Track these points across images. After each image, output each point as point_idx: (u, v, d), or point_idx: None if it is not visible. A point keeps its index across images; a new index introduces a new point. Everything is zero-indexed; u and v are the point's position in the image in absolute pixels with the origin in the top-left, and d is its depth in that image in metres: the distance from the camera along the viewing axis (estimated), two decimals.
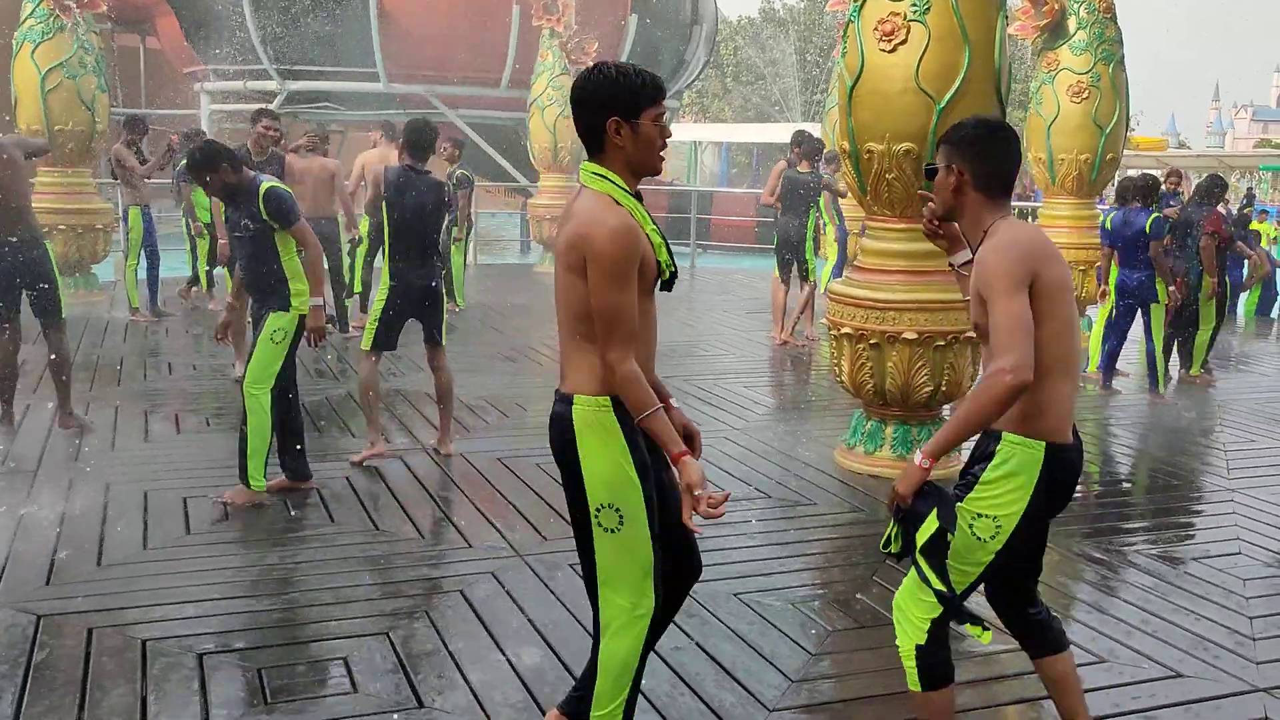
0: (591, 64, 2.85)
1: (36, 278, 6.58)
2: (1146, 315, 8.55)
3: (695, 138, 37.24)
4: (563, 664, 3.87)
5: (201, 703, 3.56)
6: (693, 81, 31.45)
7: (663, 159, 2.85)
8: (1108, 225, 8.65)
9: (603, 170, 2.79)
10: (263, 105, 20.81)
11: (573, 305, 2.77)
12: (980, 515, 2.85)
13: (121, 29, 27.17)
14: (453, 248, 11.19)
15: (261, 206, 5.35)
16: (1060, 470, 2.88)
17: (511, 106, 21.87)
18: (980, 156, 2.94)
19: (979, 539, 2.85)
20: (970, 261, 3.03)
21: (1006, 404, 2.73)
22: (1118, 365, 9.08)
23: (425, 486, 5.89)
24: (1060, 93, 10.23)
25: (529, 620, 4.22)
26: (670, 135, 2.90)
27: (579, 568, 2.89)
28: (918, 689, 2.97)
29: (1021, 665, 3.93)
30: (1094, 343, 9.27)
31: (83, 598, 4.32)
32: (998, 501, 2.85)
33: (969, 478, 2.91)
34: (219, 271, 10.23)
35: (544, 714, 3.51)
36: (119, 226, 11.87)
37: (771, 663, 3.94)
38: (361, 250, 10.69)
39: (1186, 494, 6.25)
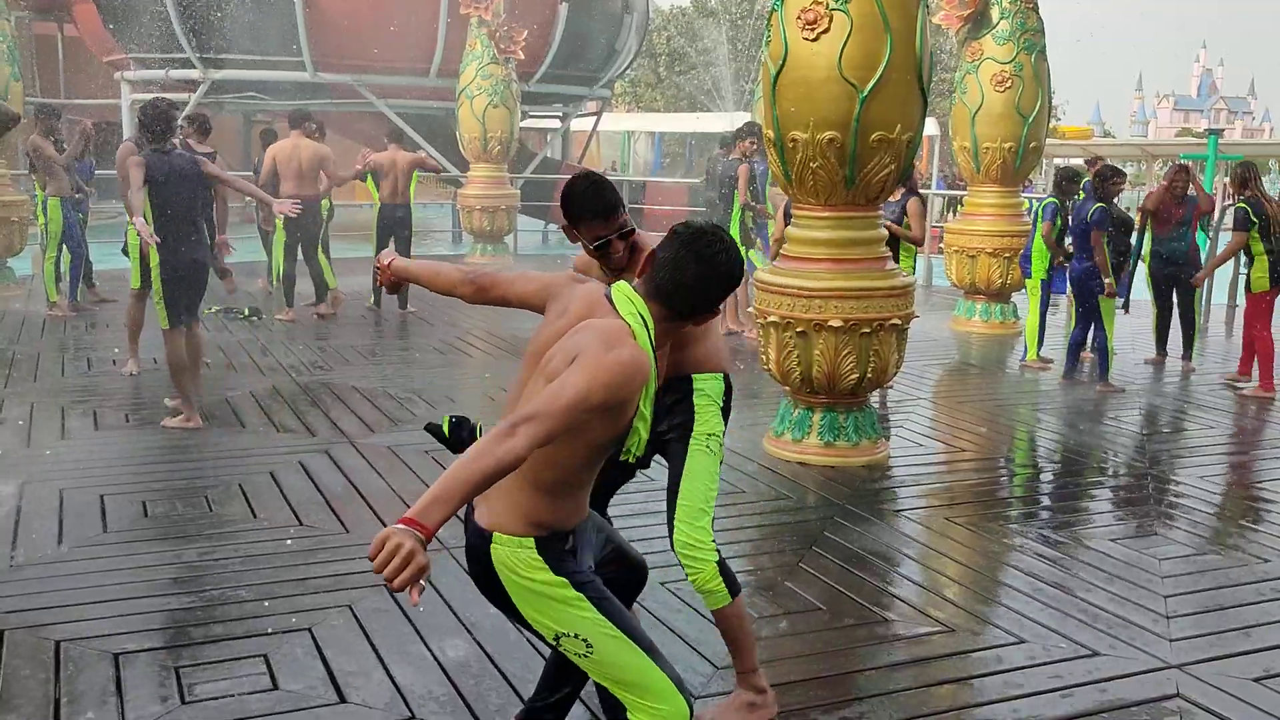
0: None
1: None
2: (1096, 306, 8.43)
3: (628, 127, 37.15)
4: (488, 656, 3.85)
5: (118, 704, 3.49)
6: (624, 71, 31.36)
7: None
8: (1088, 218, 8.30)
9: (649, 319, 2.49)
10: (167, 96, 20.43)
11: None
12: (710, 434, 3.50)
13: (38, 17, 26.45)
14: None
15: None
16: (729, 388, 3.60)
17: (441, 96, 21.62)
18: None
19: (713, 452, 3.52)
20: None
21: None
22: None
23: (350, 480, 5.82)
24: (984, 82, 10.40)
25: (454, 613, 4.19)
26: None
27: None
28: (727, 601, 3.39)
29: (954, 646, 4.01)
30: (1029, 332, 9.23)
31: None
32: (715, 420, 3.53)
33: (685, 415, 3.50)
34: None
35: (468, 706, 3.50)
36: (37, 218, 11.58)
37: (697, 650, 3.96)
38: (279, 239, 10.57)
39: (1104, 477, 6.38)
